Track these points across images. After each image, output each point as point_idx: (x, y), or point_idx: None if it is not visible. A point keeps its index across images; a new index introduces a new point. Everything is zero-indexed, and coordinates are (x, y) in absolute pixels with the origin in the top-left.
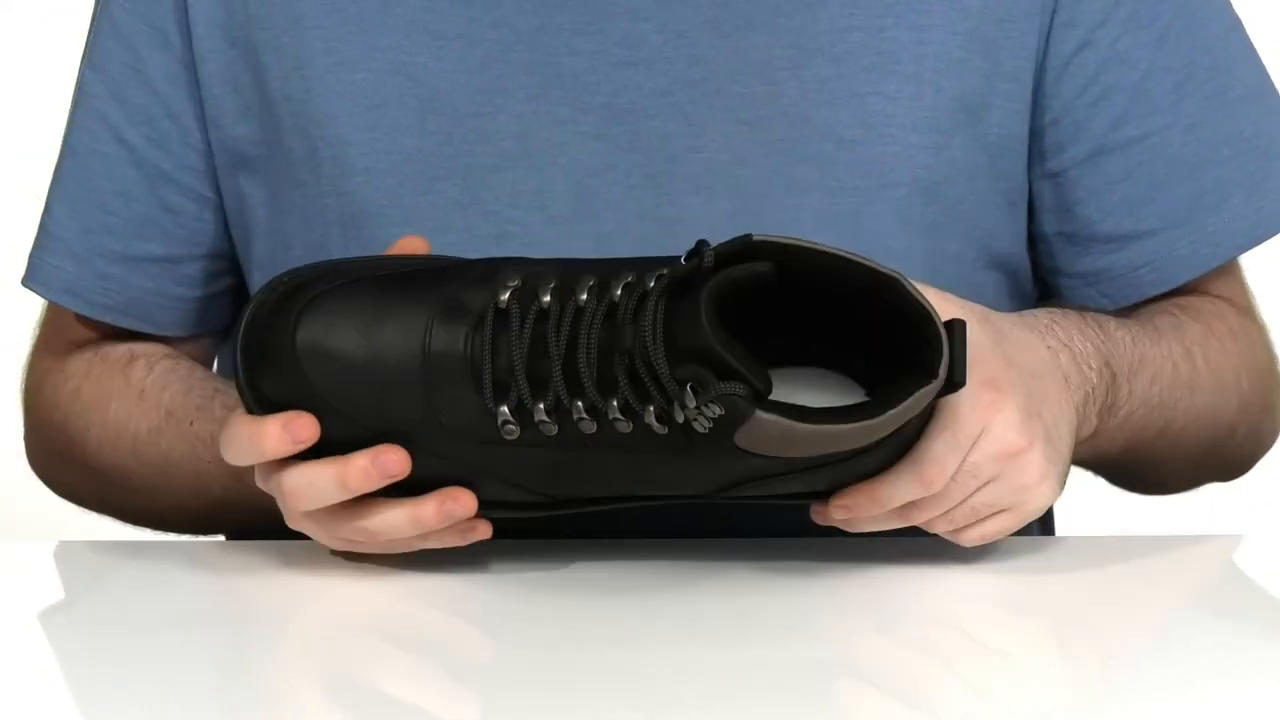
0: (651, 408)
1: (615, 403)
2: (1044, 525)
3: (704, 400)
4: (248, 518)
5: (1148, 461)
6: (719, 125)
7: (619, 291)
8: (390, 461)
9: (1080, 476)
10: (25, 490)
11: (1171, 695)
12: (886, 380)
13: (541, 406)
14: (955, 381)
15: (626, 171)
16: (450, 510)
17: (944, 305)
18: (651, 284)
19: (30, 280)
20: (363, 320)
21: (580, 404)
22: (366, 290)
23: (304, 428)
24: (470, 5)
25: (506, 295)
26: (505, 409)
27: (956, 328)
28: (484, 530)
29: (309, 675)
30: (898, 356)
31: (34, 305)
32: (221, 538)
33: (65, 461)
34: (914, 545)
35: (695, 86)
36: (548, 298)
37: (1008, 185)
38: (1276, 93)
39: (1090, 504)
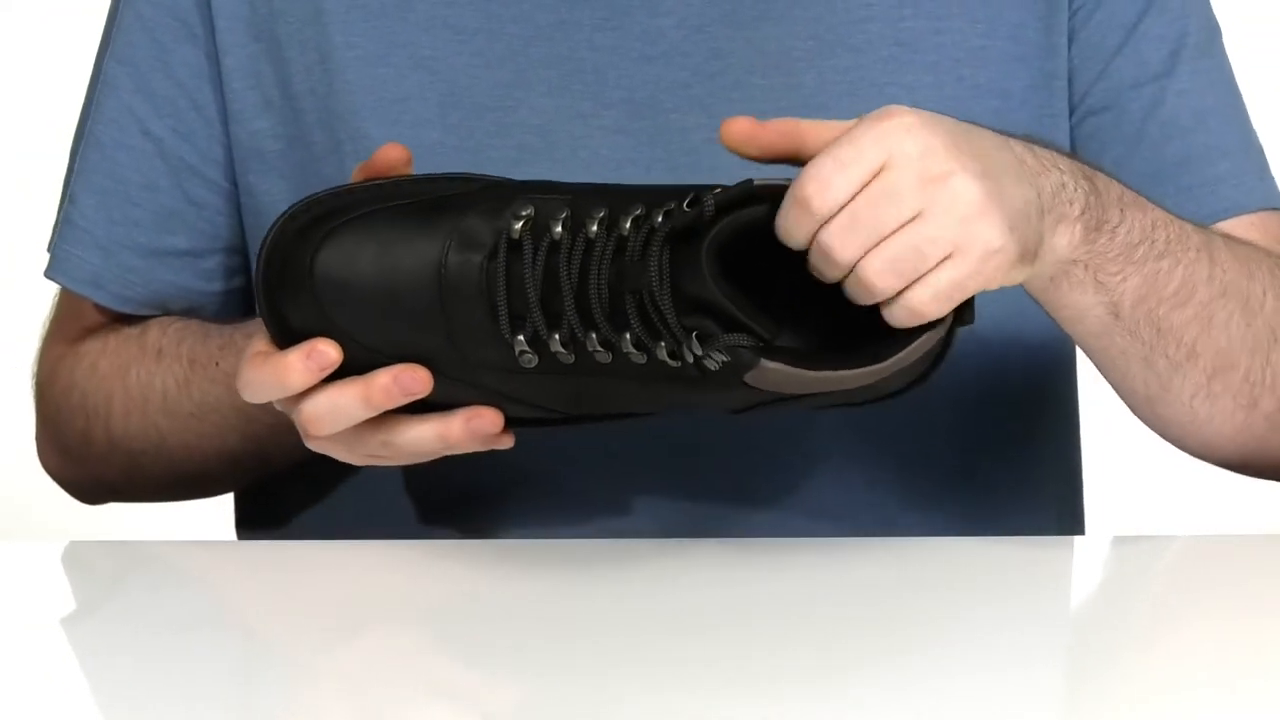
0: (663, 343)
1: (628, 337)
2: (1073, 524)
3: (709, 349)
4: (295, 446)
5: (1180, 343)
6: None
7: (628, 225)
8: (412, 380)
9: (1090, 477)
10: (34, 491)
11: (1172, 696)
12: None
13: (557, 337)
14: (966, 320)
15: (647, 165)
16: (477, 427)
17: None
18: (659, 220)
19: (54, 272)
20: (378, 254)
21: (594, 336)
22: (382, 221)
23: (325, 353)
24: (490, 0)
25: (519, 225)
26: (522, 339)
27: None
28: (506, 440)
29: (321, 676)
30: None
31: (33, 307)
32: (232, 537)
33: (87, 443)
34: (917, 545)
35: (714, 80)
36: (559, 229)
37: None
38: (1241, 102)
39: (1091, 504)
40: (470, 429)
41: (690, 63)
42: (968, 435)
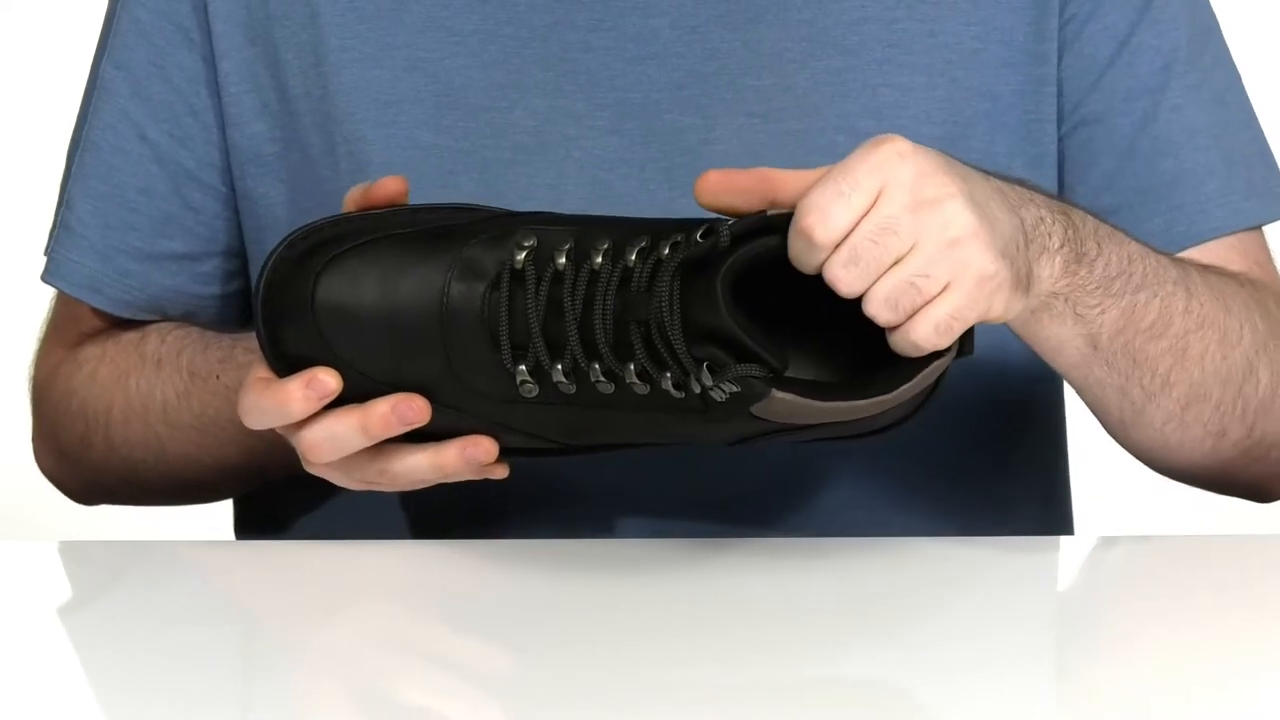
0: (669, 374)
1: (632, 367)
2: (1062, 524)
3: (720, 380)
4: (293, 460)
5: (1155, 374)
6: (732, 118)
7: (633, 257)
8: (410, 409)
9: (1080, 478)
10: (27, 490)
11: (1161, 695)
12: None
13: (559, 368)
14: (966, 350)
15: (641, 165)
16: (473, 456)
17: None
18: (666, 251)
19: (51, 276)
20: (379, 282)
21: (597, 367)
22: (383, 250)
23: (325, 383)
24: (486, 2)
25: (522, 256)
26: (523, 368)
27: None
28: (500, 470)
29: (316, 675)
30: None
31: (31, 308)
32: (230, 536)
33: (85, 449)
34: (911, 545)
35: (708, 80)
36: (563, 260)
37: (1039, 171)
38: (1239, 101)
39: (1080, 505)
40: (466, 458)
41: (684, 64)
42: (959, 436)
